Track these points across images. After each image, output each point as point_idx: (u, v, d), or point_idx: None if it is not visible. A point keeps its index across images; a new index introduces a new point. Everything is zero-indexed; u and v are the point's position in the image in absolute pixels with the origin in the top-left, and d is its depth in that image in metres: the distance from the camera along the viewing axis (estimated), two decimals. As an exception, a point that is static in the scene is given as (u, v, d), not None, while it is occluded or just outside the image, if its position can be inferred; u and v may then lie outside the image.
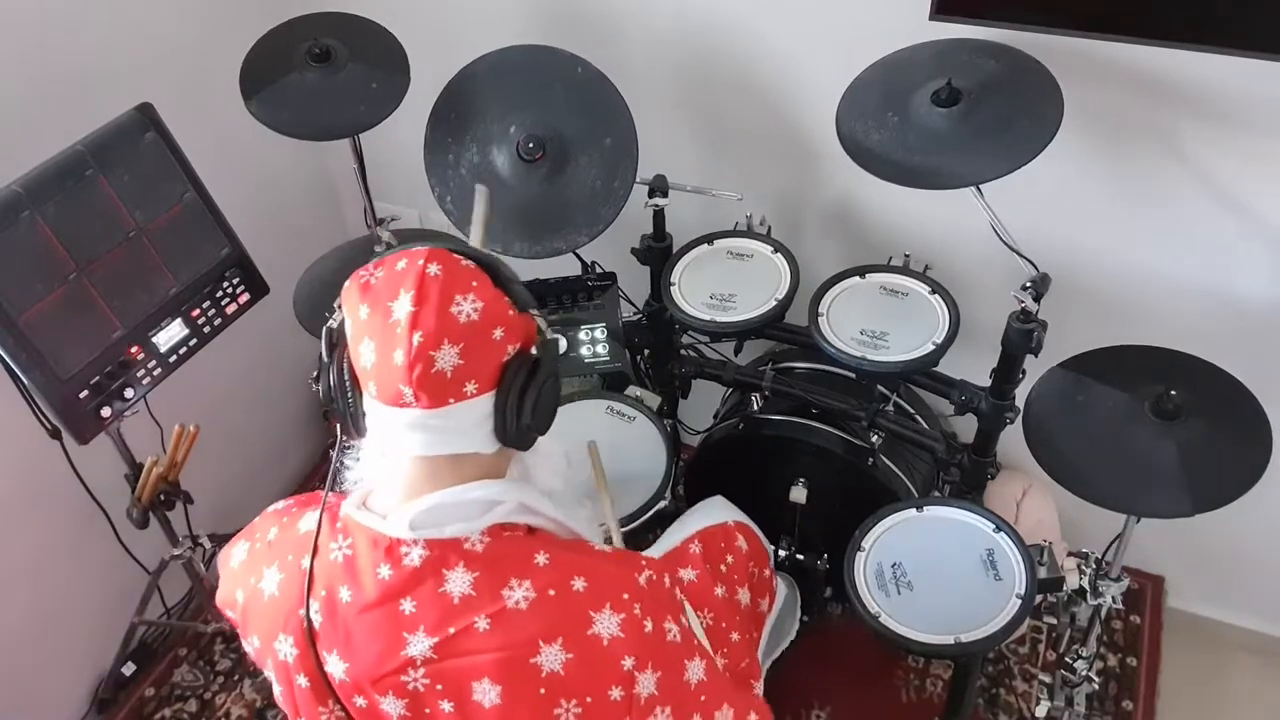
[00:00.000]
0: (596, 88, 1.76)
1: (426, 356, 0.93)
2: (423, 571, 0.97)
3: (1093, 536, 1.73)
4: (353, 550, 1.00)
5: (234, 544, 1.13)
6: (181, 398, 1.95)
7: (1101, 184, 1.77)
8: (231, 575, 1.11)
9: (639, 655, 0.98)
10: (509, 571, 0.98)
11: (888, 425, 1.87)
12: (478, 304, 0.95)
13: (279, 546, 1.07)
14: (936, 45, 1.63)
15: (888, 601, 1.53)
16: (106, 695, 2.19)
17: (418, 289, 0.94)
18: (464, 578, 0.97)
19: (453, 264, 0.97)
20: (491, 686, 0.96)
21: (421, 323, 0.93)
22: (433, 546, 0.98)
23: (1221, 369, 1.53)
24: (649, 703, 0.99)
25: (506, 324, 0.97)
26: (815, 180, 2.01)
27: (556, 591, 0.98)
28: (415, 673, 0.98)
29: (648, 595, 1.02)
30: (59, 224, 1.57)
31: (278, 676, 1.06)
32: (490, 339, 0.96)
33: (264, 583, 1.06)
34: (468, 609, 0.96)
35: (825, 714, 2.08)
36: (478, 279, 0.97)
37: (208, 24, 2.09)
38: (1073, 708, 1.86)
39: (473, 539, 0.99)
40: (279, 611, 1.04)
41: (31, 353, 1.55)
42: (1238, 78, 1.56)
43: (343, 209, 2.57)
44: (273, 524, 1.11)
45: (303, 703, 1.05)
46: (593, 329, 1.94)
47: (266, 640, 1.05)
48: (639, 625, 0.99)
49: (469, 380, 0.95)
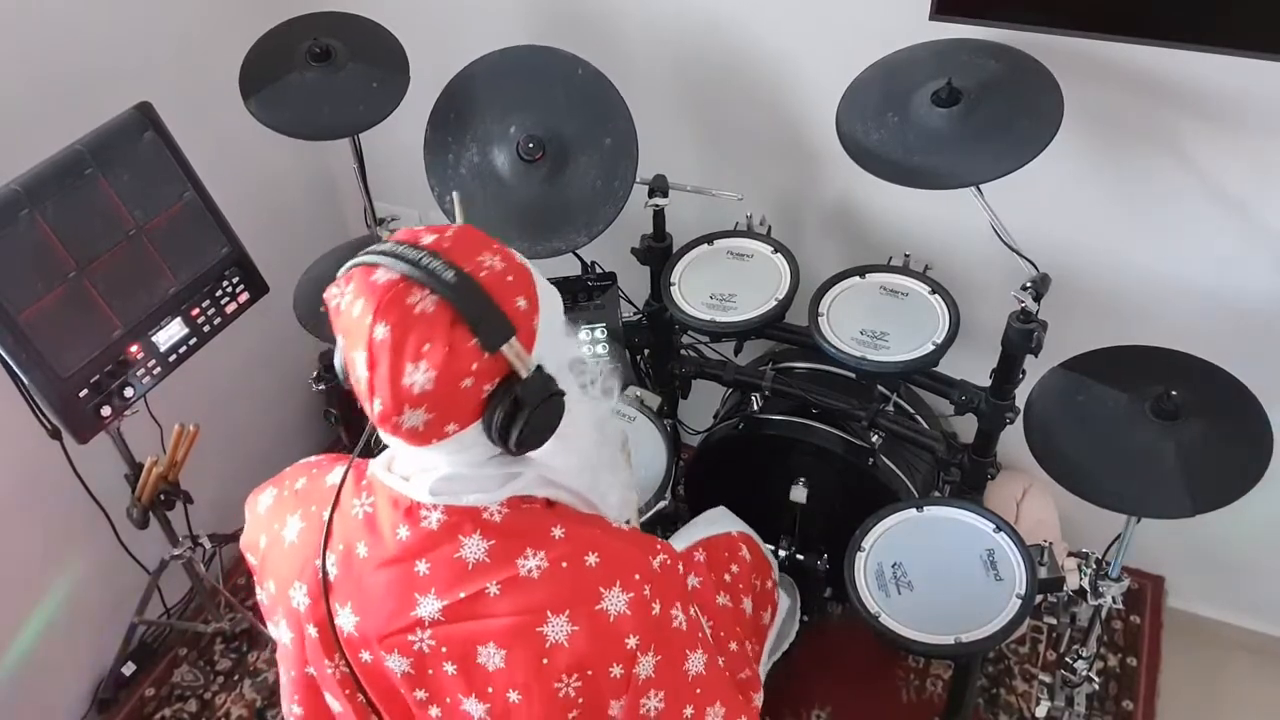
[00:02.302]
0: (596, 88, 1.76)
1: (391, 421, 0.91)
2: (439, 535, 0.98)
3: (1093, 536, 1.73)
4: (374, 508, 1.01)
5: (262, 490, 1.14)
6: (181, 397, 1.95)
7: (1101, 184, 1.77)
8: (257, 520, 1.12)
9: (643, 636, 0.98)
10: (525, 542, 0.99)
11: (888, 425, 1.87)
12: (430, 373, 0.88)
13: (304, 496, 1.08)
14: (936, 45, 1.63)
15: (888, 601, 1.53)
16: (106, 695, 2.19)
17: (368, 353, 0.89)
18: (479, 545, 0.98)
19: (405, 320, 0.88)
20: (497, 650, 0.97)
21: (377, 391, 0.90)
22: (451, 513, 0.99)
23: (1221, 369, 1.53)
24: (645, 684, 1.00)
25: (473, 374, 0.90)
26: (815, 180, 2.01)
27: (569, 564, 0.98)
28: (422, 633, 0.99)
29: (659, 578, 1.02)
30: (59, 223, 1.57)
31: (289, 623, 1.08)
32: (458, 391, 0.90)
33: (286, 530, 1.07)
34: (481, 574, 0.97)
35: (825, 714, 2.08)
36: (433, 334, 0.88)
37: (208, 24, 2.09)
38: (1073, 708, 1.86)
39: (491, 509, 0.99)
40: (297, 559, 1.05)
41: (31, 352, 1.55)
42: (1238, 78, 1.56)
43: (343, 209, 2.57)
44: (302, 474, 1.12)
45: (311, 653, 1.07)
46: (593, 329, 1.94)
47: (282, 587, 1.06)
48: (647, 606, 0.99)
49: (447, 423, 0.93)
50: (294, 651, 1.09)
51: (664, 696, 1.02)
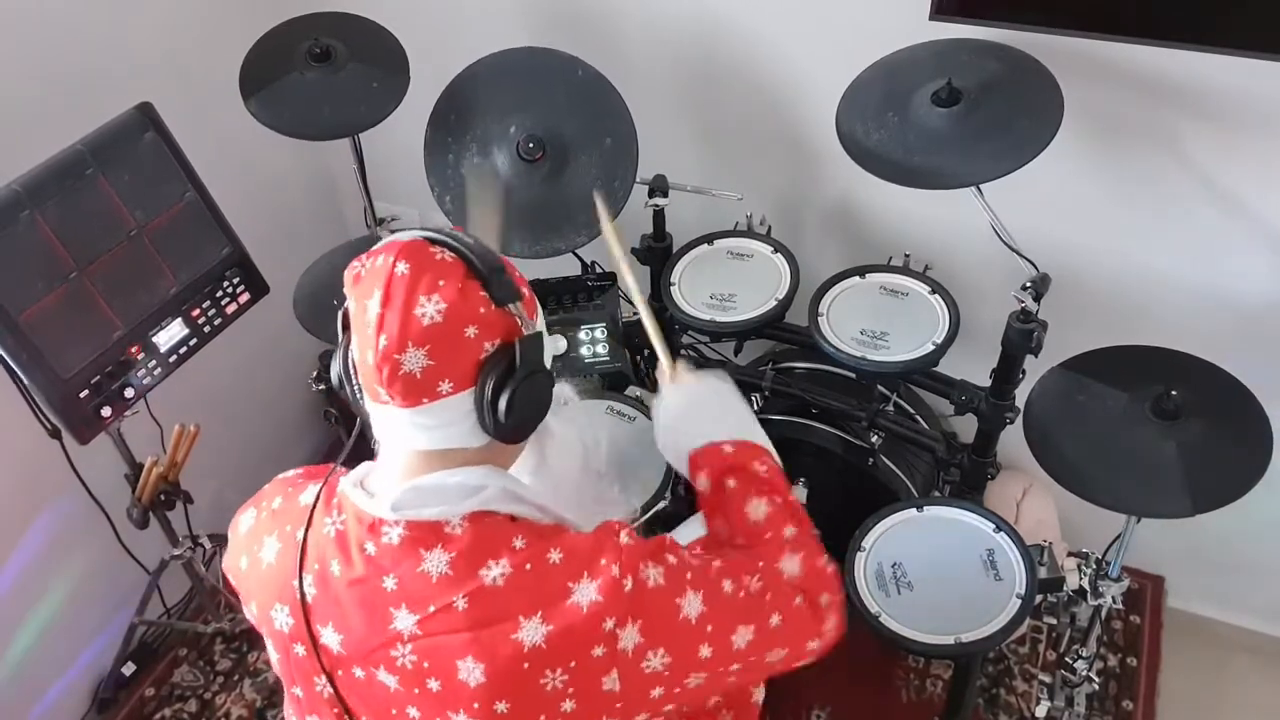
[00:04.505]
0: (596, 88, 1.76)
1: (392, 359, 0.93)
2: (401, 550, 0.99)
3: (1093, 536, 1.73)
4: (345, 525, 1.02)
5: (244, 510, 1.14)
6: (181, 397, 1.95)
7: (1101, 184, 1.77)
8: (239, 541, 1.12)
9: (618, 614, 0.98)
10: (486, 554, 0.99)
11: (888, 425, 1.87)
12: (441, 305, 0.92)
13: (280, 516, 1.08)
14: (936, 45, 1.63)
15: (888, 601, 1.53)
16: (106, 695, 2.19)
17: (385, 289, 0.93)
18: (441, 558, 0.98)
19: (423, 260, 0.94)
20: (475, 665, 0.96)
21: (386, 325, 0.93)
22: (412, 528, 0.99)
23: (1221, 369, 1.53)
24: (637, 652, 0.98)
25: (479, 321, 0.94)
26: (815, 180, 2.01)
27: (533, 565, 0.98)
28: (404, 648, 0.99)
29: (624, 550, 1.01)
30: (59, 223, 1.57)
31: (275, 644, 1.08)
32: (461, 338, 0.94)
33: (264, 551, 1.07)
34: (446, 588, 0.97)
35: (825, 714, 2.08)
36: (447, 275, 0.94)
37: (208, 24, 2.09)
38: (1073, 708, 1.86)
39: (453, 523, 0.99)
40: (275, 581, 1.05)
41: (31, 352, 1.55)
42: (1238, 78, 1.56)
43: (343, 209, 2.57)
44: (279, 492, 1.12)
45: (299, 672, 1.07)
46: (593, 329, 1.94)
47: (264, 609, 1.07)
48: (618, 586, 0.98)
49: (442, 380, 0.94)
50: (283, 671, 1.10)
51: (665, 651, 1.00)
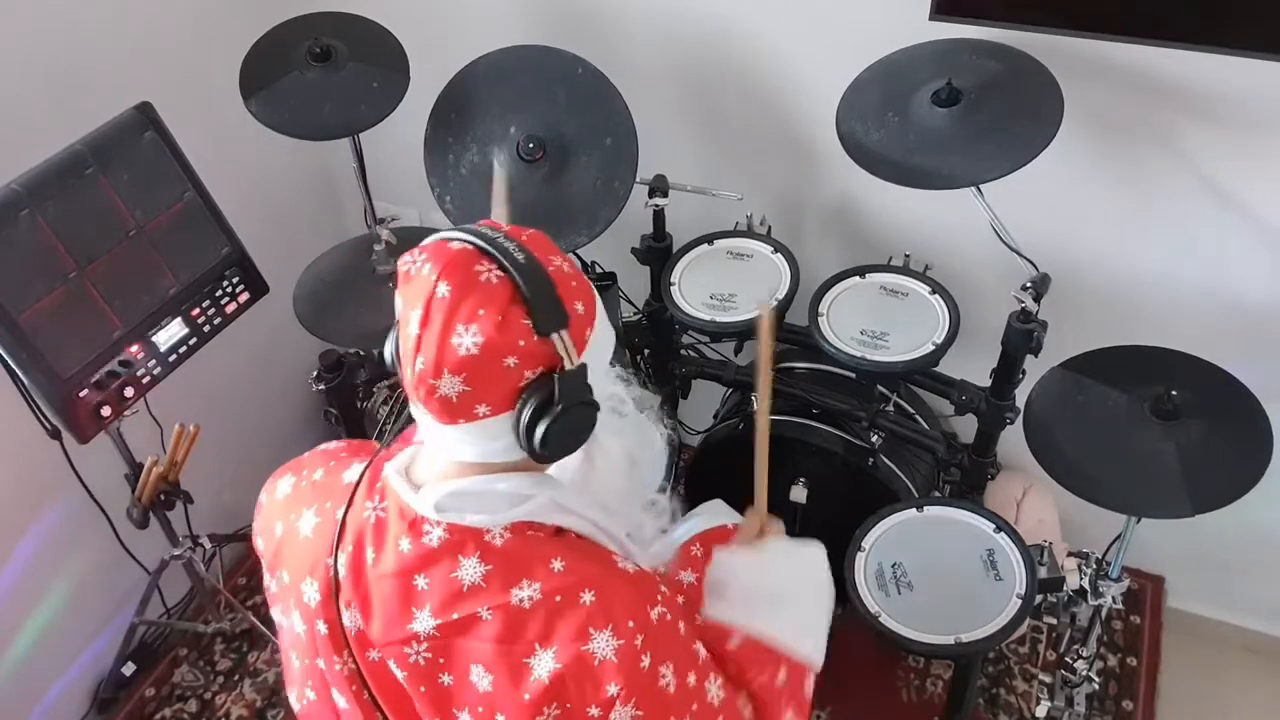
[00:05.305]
0: (596, 88, 1.76)
1: (428, 383, 0.91)
2: (439, 553, 0.98)
3: (1093, 536, 1.73)
4: (385, 514, 1.02)
5: (281, 474, 1.13)
6: (181, 397, 1.95)
7: (1101, 184, 1.77)
8: (275, 506, 1.11)
9: (626, 687, 0.96)
10: (521, 572, 0.98)
11: (888, 425, 1.87)
12: (478, 338, 0.89)
13: (321, 490, 1.08)
14: (936, 45, 1.63)
15: (888, 601, 1.53)
16: (106, 695, 2.19)
17: (425, 310, 0.90)
18: (477, 568, 0.97)
19: (466, 281, 0.90)
20: (484, 675, 0.97)
21: (423, 349, 0.91)
22: (453, 531, 0.98)
23: (1221, 369, 1.53)
24: None
25: (519, 353, 0.90)
26: (815, 180, 2.01)
27: (563, 599, 0.97)
28: (419, 646, 0.99)
29: (655, 632, 0.99)
30: (59, 223, 1.57)
31: (302, 616, 1.08)
32: (499, 367, 0.91)
33: (301, 522, 1.07)
34: (475, 597, 0.97)
35: (825, 714, 2.08)
36: (489, 302, 0.89)
37: (208, 24, 2.09)
38: (1073, 708, 1.86)
39: (494, 531, 0.98)
40: (310, 555, 1.05)
41: (31, 352, 1.55)
42: (1238, 78, 1.56)
43: (343, 209, 2.57)
44: (320, 465, 1.11)
45: (321, 648, 1.07)
46: (593, 329, 1.94)
47: (295, 580, 1.07)
48: (636, 658, 0.97)
49: (478, 404, 0.92)
50: (306, 643, 1.10)
51: None
